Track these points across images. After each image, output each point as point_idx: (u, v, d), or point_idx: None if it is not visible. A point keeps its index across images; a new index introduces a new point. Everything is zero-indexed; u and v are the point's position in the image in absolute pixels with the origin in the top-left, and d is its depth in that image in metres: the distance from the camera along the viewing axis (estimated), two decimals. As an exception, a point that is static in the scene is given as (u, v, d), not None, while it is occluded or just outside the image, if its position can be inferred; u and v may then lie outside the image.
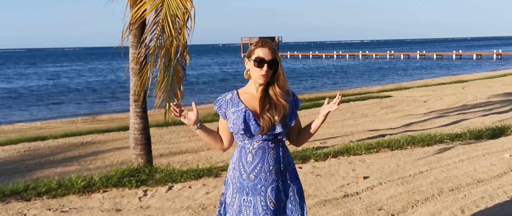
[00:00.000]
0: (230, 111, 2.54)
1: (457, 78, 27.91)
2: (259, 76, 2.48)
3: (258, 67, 2.47)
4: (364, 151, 7.08)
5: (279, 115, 2.50)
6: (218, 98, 2.63)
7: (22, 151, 10.22)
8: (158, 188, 5.70)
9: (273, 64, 2.49)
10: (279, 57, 2.53)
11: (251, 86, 2.59)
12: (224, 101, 2.59)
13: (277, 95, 2.52)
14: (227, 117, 2.56)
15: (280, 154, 2.57)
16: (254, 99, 2.55)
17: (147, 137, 6.35)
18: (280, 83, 2.54)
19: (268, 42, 2.53)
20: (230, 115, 2.53)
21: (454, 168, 6.03)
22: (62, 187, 5.59)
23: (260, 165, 2.50)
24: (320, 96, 20.60)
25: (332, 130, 11.09)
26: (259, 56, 2.48)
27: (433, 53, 68.89)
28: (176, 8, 5.57)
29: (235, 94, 2.59)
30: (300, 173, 6.02)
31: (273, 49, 2.51)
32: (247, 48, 16.50)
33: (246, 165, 2.52)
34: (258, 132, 2.48)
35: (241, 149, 2.55)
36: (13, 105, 23.74)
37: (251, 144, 2.52)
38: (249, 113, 2.50)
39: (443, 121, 11.16)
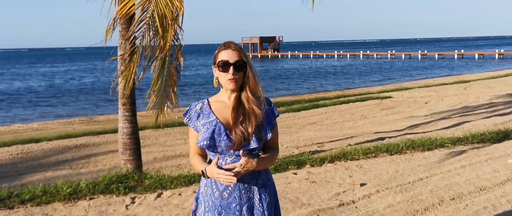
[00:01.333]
0: (200, 123, 2.31)
1: (459, 78, 27.65)
2: (226, 82, 2.26)
3: (223, 71, 2.25)
4: (361, 156, 6.85)
5: (252, 127, 2.25)
6: (188, 108, 2.39)
7: (15, 154, 10.01)
8: (146, 195, 5.48)
9: (240, 66, 2.25)
10: (247, 58, 2.29)
11: (222, 94, 2.36)
12: (194, 112, 2.36)
13: (249, 102, 2.28)
14: (198, 129, 2.33)
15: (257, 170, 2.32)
16: (226, 108, 2.32)
17: (136, 141, 6.12)
18: (251, 87, 2.29)
19: (231, 43, 2.31)
20: (199, 127, 2.31)
21: (455, 175, 5.79)
22: (47, 194, 5.38)
23: (235, 183, 2.26)
24: (320, 96, 20.36)
25: (331, 132, 10.86)
26: (222, 59, 2.26)
27: (434, 53, 68.54)
28: (164, 7, 5.33)
29: (205, 104, 2.36)
30: (295, 180, 5.81)
31: (238, 49, 2.28)
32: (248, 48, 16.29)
33: (219, 182, 2.29)
34: (229, 146, 2.25)
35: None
36: (10, 106, 23.55)
37: (223, 160, 2.28)
38: (219, 126, 2.26)
39: (444, 124, 10.92)
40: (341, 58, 73.55)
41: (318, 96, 20.63)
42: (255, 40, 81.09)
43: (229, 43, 2.31)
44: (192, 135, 2.38)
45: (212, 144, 2.23)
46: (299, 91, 26.93)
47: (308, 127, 11.85)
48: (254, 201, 2.30)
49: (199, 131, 2.30)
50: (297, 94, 24.61)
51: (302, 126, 12.02)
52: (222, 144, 2.23)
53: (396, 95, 18.95)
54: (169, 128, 12.28)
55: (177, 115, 14.93)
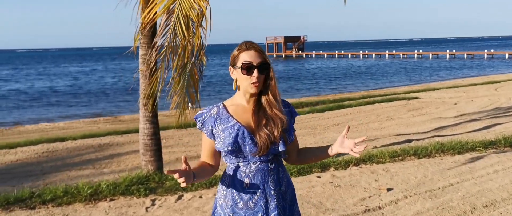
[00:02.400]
0: (218, 128, 2.14)
1: (489, 79, 26.82)
2: (249, 85, 2.10)
3: (247, 74, 2.09)
4: (388, 159, 6.61)
5: (278, 130, 2.11)
6: (200, 112, 2.22)
7: (40, 153, 10.15)
8: (167, 197, 5.40)
9: (264, 68, 2.10)
10: (269, 59, 2.15)
11: (239, 97, 2.20)
12: (209, 117, 2.17)
13: (272, 106, 2.13)
14: (214, 136, 2.16)
15: (280, 176, 2.19)
16: (245, 112, 2.17)
17: (157, 142, 6.05)
18: (272, 90, 2.14)
19: (253, 44, 2.15)
20: (218, 133, 2.13)
21: (488, 181, 5.51)
22: (68, 194, 5.36)
23: (261, 190, 2.12)
24: (344, 97, 20.04)
25: (356, 134, 10.59)
26: (245, 61, 2.10)
27: (463, 52, 66.89)
28: (189, 8, 5.24)
29: (221, 108, 2.18)
30: (319, 183, 5.63)
31: (260, 51, 2.13)
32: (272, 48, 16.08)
33: (243, 191, 2.13)
34: (254, 152, 2.10)
35: (234, 172, 2.16)
36: (38, 105, 24.05)
37: (247, 167, 2.13)
38: (243, 130, 2.11)
39: (475, 126, 10.52)
40: (367, 57, 72.57)
41: (342, 97, 20.31)
42: (279, 39, 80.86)
43: (251, 43, 2.15)
44: (205, 141, 2.20)
45: (237, 149, 2.09)
46: (323, 91, 26.63)
47: (332, 128, 11.63)
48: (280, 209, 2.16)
49: (217, 137, 2.14)
50: (322, 94, 24.32)
51: (326, 127, 11.80)
52: (247, 149, 2.10)
53: (423, 95, 18.47)
54: (192, 128, 12.23)
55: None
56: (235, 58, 2.14)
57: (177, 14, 5.28)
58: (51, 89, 32.82)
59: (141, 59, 5.96)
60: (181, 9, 5.27)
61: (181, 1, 5.30)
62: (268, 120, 2.13)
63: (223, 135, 2.11)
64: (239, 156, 2.12)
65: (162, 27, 5.40)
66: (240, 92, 2.17)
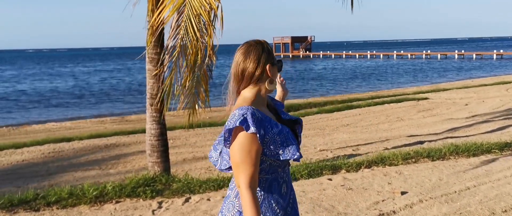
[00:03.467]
0: (272, 132, 1.88)
1: (499, 79, 26.45)
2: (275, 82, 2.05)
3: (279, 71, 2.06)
4: (401, 161, 6.42)
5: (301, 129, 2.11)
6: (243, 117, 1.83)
7: (47, 153, 10.06)
8: (174, 199, 5.26)
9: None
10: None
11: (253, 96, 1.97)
12: (257, 121, 1.85)
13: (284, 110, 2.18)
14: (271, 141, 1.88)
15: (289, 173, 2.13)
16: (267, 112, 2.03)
17: (164, 143, 5.92)
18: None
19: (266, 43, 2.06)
20: (274, 138, 1.88)
21: (506, 184, 5.31)
22: (73, 196, 5.24)
23: (292, 191, 2.04)
24: (353, 97, 19.82)
25: (366, 135, 10.42)
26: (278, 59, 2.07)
27: (472, 53, 66.26)
28: (200, 7, 5.11)
29: (256, 111, 1.89)
30: (330, 186, 5.46)
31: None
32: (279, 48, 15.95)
33: (281, 199, 1.95)
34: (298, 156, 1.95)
35: (271, 182, 1.95)
36: (45, 105, 24.06)
37: (284, 171, 1.99)
38: (290, 131, 1.96)
39: (488, 127, 10.29)
40: (374, 58, 72.12)
41: (351, 97, 20.10)
42: (286, 40, 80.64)
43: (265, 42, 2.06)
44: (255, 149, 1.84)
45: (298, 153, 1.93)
46: (331, 92, 26.41)
47: (341, 129, 11.45)
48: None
49: (273, 142, 1.87)
50: (329, 95, 24.11)
51: (335, 128, 11.62)
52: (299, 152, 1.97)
53: (433, 96, 18.22)
54: (199, 129, 12.11)
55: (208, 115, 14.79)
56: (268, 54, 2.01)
57: (188, 14, 5.15)
58: (58, 89, 32.87)
59: (148, 58, 5.83)
60: (191, 9, 5.15)
61: (191, 1, 5.17)
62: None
63: (280, 140, 1.88)
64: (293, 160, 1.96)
65: (174, 28, 5.28)
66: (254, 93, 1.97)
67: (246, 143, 1.82)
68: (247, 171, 1.82)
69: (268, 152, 1.88)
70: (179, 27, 5.24)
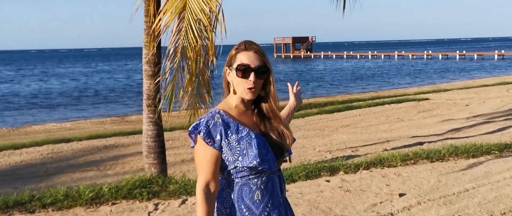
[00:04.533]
0: (232, 138, 1.86)
1: (500, 80, 26.38)
2: (244, 90, 1.88)
3: (243, 77, 1.86)
4: (399, 163, 6.38)
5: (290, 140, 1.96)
6: (199, 122, 1.87)
7: (45, 154, 10.04)
8: (170, 201, 5.22)
9: (262, 72, 1.89)
10: (269, 63, 1.93)
11: (234, 100, 1.94)
12: (214, 126, 1.85)
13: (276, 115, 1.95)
14: (227, 148, 1.86)
15: (282, 181, 2.02)
16: (249, 117, 1.95)
17: (161, 145, 5.88)
18: (273, 97, 1.94)
19: (253, 44, 1.93)
20: (232, 144, 1.86)
21: (505, 186, 5.26)
22: (69, 198, 5.20)
23: (272, 201, 1.92)
24: (353, 98, 19.79)
25: (365, 136, 10.37)
26: (243, 62, 1.87)
27: (473, 53, 66.15)
28: (200, 11, 5.07)
29: (224, 115, 1.89)
30: (328, 188, 5.42)
31: (260, 52, 1.90)
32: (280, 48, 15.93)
33: (253, 205, 1.90)
34: (277, 162, 1.91)
35: (241, 187, 1.90)
36: (46, 105, 24.05)
37: (259, 179, 1.90)
38: (260, 138, 1.88)
39: (488, 128, 10.24)
40: (375, 58, 72.04)
41: (351, 98, 20.06)
42: (287, 40, 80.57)
43: (251, 43, 1.93)
44: (210, 155, 1.85)
45: (261, 160, 1.85)
46: (332, 92, 26.36)
47: (341, 130, 11.40)
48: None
49: (231, 149, 1.85)
50: (330, 95, 24.07)
51: (335, 129, 11.58)
52: (268, 157, 1.88)
53: (433, 96, 18.16)
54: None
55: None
56: (232, 58, 1.92)
57: (188, 18, 5.12)
58: (58, 89, 32.87)
59: (145, 58, 5.79)
60: (191, 14, 5.11)
61: (191, 5, 5.14)
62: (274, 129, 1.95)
63: (240, 147, 1.85)
64: (262, 166, 1.86)
65: (175, 33, 5.25)
66: (236, 96, 1.94)
67: (200, 146, 1.86)
68: (201, 175, 1.86)
69: (227, 157, 1.87)
70: (180, 32, 5.22)
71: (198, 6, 5.10)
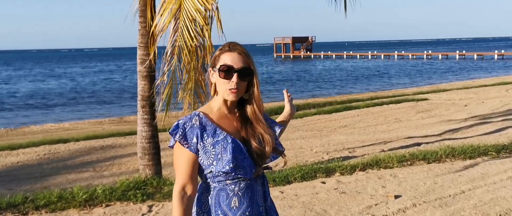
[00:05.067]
0: (207, 142, 1.84)
1: (499, 80, 26.34)
2: (226, 91, 1.86)
3: (225, 78, 1.84)
4: (396, 164, 6.34)
5: (270, 147, 1.90)
6: (177, 123, 1.86)
7: (42, 154, 10.01)
8: (164, 203, 5.19)
9: (246, 74, 1.86)
10: (254, 65, 1.90)
11: (217, 103, 1.93)
12: (191, 128, 1.84)
13: (258, 120, 1.91)
14: (202, 151, 1.84)
15: (265, 189, 1.99)
16: (230, 121, 1.92)
17: (155, 146, 5.85)
18: (257, 100, 1.91)
19: (238, 45, 1.90)
20: (207, 148, 1.84)
21: (501, 188, 5.23)
22: (63, 200, 5.17)
23: (250, 209, 1.88)
24: (352, 98, 19.76)
25: (363, 136, 10.34)
26: (225, 63, 1.85)
27: (473, 53, 66.09)
28: (195, 11, 5.04)
29: (203, 117, 1.87)
30: (323, 189, 5.39)
31: (245, 54, 1.88)
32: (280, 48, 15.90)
33: (230, 212, 1.87)
34: (254, 171, 1.87)
35: (218, 192, 1.88)
36: (45, 105, 24.02)
37: (236, 185, 1.87)
38: (237, 143, 1.85)
39: (486, 128, 10.20)
40: (375, 58, 71.99)
41: (350, 98, 20.02)
42: (287, 40, 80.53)
43: (235, 44, 1.91)
44: (186, 157, 1.84)
45: (235, 166, 1.82)
46: (331, 92, 26.34)
47: (339, 130, 11.37)
48: None
49: (206, 152, 1.83)
50: (329, 95, 24.04)
51: (333, 129, 11.54)
52: (245, 163, 1.84)
53: (432, 97, 18.13)
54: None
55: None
56: (216, 59, 1.91)
57: (183, 19, 5.09)
58: (57, 89, 32.84)
59: (139, 59, 5.77)
60: (187, 14, 5.08)
61: (186, 5, 5.10)
62: (256, 134, 1.91)
63: (215, 151, 1.83)
64: (236, 172, 1.84)
65: (172, 34, 5.21)
66: (218, 97, 1.92)
67: (177, 148, 1.86)
68: (178, 177, 1.86)
69: (202, 161, 1.85)
70: (176, 33, 5.19)
71: (193, 6, 5.06)
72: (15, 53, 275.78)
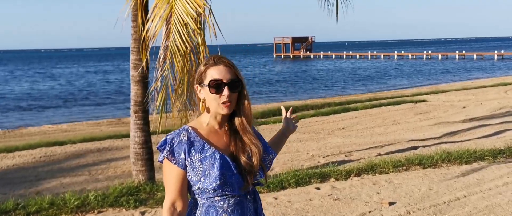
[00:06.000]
0: (195, 158, 1.81)
1: (498, 81, 26.29)
2: (219, 106, 1.82)
3: (216, 93, 1.81)
4: (391, 169, 6.30)
5: (257, 159, 1.86)
6: (165, 138, 1.85)
7: (38, 157, 9.97)
8: (157, 209, 5.14)
9: (236, 85, 1.83)
10: (241, 75, 1.86)
11: (207, 118, 1.89)
12: (179, 143, 1.82)
13: (245, 132, 1.87)
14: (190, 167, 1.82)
15: (257, 205, 1.95)
16: (219, 136, 1.89)
17: (148, 151, 5.81)
18: (246, 111, 1.87)
19: (223, 58, 1.86)
20: (195, 164, 1.81)
21: (497, 194, 5.19)
22: (54, 206, 5.13)
23: None
24: (351, 99, 19.72)
25: (360, 139, 10.29)
26: (214, 78, 1.81)
27: (473, 53, 66.05)
28: (187, 15, 4.98)
29: (192, 133, 1.85)
30: (317, 196, 5.34)
31: (231, 65, 1.85)
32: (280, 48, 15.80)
33: None
34: (242, 186, 1.83)
35: (207, 209, 1.85)
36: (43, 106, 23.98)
37: (225, 201, 1.83)
38: (225, 159, 1.82)
39: (484, 131, 10.16)
40: (375, 58, 71.94)
41: (349, 99, 19.98)
42: (287, 40, 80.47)
43: (220, 57, 1.87)
44: (174, 173, 1.82)
45: (223, 183, 1.79)
46: (330, 93, 26.30)
47: (336, 133, 11.32)
48: None
49: (193, 169, 1.81)
50: (328, 96, 23.99)
51: (330, 132, 11.50)
52: (233, 180, 1.81)
53: (431, 98, 18.09)
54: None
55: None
56: (202, 74, 1.86)
57: (175, 24, 5.03)
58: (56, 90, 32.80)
59: (132, 64, 5.73)
60: (178, 18, 5.02)
61: (177, 9, 5.05)
62: (244, 146, 1.87)
63: (202, 167, 1.80)
64: (225, 190, 1.81)
65: (163, 40, 5.16)
66: (209, 114, 1.89)
67: (166, 164, 1.84)
68: (167, 193, 1.85)
69: (190, 177, 1.83)
70: (168, 38, 5.13)
71: (184, 10, 5.00)
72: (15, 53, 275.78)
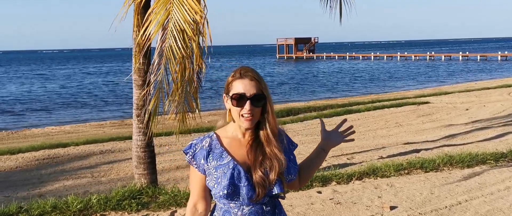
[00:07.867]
0: (211, 164, 1.87)
1: (502, 82, 26.20)
2: (240, 119, 1.85)
3: (238, 106, 1.83)
4: (393, 173, 6.30)
5: (275, 173, 1.85)
6: (191, 143, 1.93)
7: (41, 159, 10.02)
8: (159, 213, 5.17)
9: (259, 100, 1.84)
10: (266, 89, 1.87)
11: (233, 127, 1.93)
12: (200, 149, 1.90)
13: (270, 144, 1.88)
14: (207, 172, 1.89)
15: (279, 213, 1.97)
16: (241, 147, 1.91)
17: (151, 155, 5.83)
18: (270, 125, 1.88)
19: (249, 70, 1.87)
20: (210, 170, 1.87)
21: (498, 199, 5.18)
22: (57, 210, 5.15)
23: None
24: (353, 101, 19.70)
25: (363, 141, 10.30)
26: (238, 91, 1.83)
27: (476, 54, 65.84)
28: (184, 22, 4.99)
29: (214, 139, 1.92)
30: (318, 200, 5.35)
31: (256, 79, 1.85)
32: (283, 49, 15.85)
33: None
34: (251, 197, 1.85)
35: (224, 213, 1.91)
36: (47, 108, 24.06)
37: (239, 209, 1.87)
38: (239, 169, 1.85)
39: (486, 134, 10.14)
40: (378, 59, 71.84)
41: (351, 101, 19.97)
42: (290, 41, 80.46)
43: (246, 70, 1.88)
44: (195, 177, 1.93)
45: (232, 192, 1.83)
46: (332, 94, 26.28)
47: (338, 135, 11.31)
48: None
49: (209, 175, 1.88)
50: (331, 98, 23.99)
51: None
52: (243, 191, 1.84)
53: (434, 100, 18.06)
54: (197, 133, 12.03)
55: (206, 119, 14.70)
56: (229, 85, 1.89)
57: (172, 30, 5.04)
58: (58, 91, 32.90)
59: (134, 68, 5.74)
60: (175, 24, 5.03)
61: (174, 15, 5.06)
62: (264, 158, 1.87)
63: (216, 174, 1.85)
64: (236, 199, 1.86)
65: (159, 45, 5.17)
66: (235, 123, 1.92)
67: (190, 167, 1.94)
68: (191, 194, 1.97)
69: (208, 182, 1.91)
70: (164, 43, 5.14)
71: (181, 17, 5.01)
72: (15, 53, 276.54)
